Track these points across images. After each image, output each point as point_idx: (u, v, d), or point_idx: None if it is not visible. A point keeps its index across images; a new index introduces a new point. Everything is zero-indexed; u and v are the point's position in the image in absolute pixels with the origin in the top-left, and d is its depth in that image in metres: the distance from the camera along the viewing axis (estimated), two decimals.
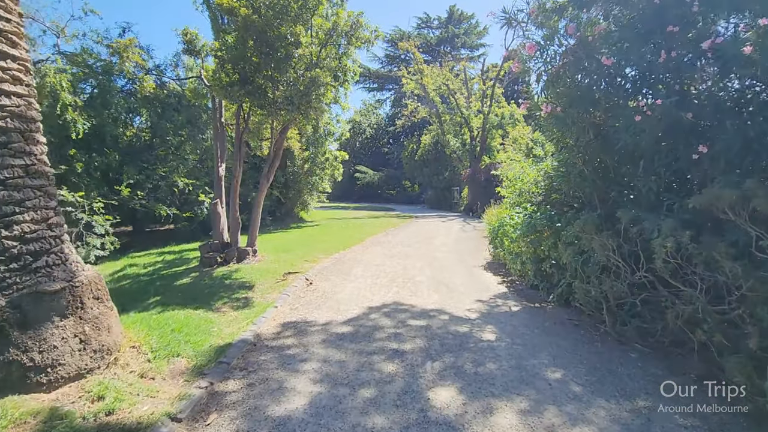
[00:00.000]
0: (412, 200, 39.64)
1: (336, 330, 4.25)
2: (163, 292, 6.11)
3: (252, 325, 4.37)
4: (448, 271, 7.30)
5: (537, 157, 8.75)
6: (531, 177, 8.35)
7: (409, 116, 30.79)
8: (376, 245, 10.68)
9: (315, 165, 18.12)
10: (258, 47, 7.46)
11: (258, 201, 8.38)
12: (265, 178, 8.34)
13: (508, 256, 6.89)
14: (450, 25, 43.57)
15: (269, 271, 7.12)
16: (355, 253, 9.32)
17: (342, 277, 6.80)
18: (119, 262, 9.64)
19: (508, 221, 7.30)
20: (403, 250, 9.78)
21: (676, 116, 3.98)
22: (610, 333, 3.91)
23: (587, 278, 4.37)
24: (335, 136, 18.25)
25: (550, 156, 8.22)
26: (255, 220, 8.34)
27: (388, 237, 12.48)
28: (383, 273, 7.11)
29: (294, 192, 18.36)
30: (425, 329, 4.22)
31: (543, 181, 8.15)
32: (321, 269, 7.47)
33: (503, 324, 4.39)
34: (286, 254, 8.78)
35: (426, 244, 10.86)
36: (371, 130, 50.06)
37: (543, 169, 8.04)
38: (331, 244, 10.51)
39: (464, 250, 9.97)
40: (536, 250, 5.91)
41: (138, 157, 12.45)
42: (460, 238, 12.18)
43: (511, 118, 24.27)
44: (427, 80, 26.69)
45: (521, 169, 8.99)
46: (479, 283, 6.46)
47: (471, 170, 24.37)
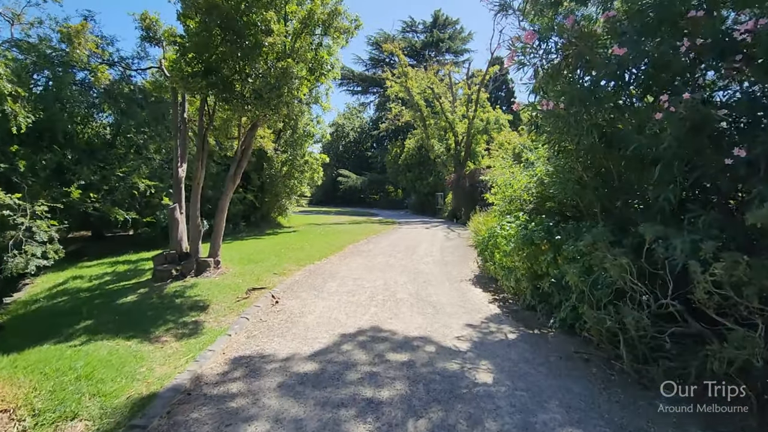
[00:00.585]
0: (395, 205, 39.03)
1: (298, 368, 3.45)
2: (98, 313, 5.15)
3: (193, 362, 3.52)
4: (434, 287, 6.59)
5: (528, 162, 8.18)
6: (522, 183, 7.77)
7: (393, 120, 30.18)
8: (355, 255, 9.89)
9: (294, 168, 17.22)
10: (224, 34, 6.62)
11: (222, 206, 7.48)
12: (231, 180, 7.46)
13: (499, 271, 6.23)
14: (435, 29, 43.42)
15: (231, 286, 6.24)
16: (332, 265, 8.50)
17: (314, 294, 5.99)
18: (65, 273, 8.53)
19: (499, 232, 6.65)
20: (385, 260, 9.03)
21: (704, 114, 3.39)
22: (629, 373, 3.25)
23: (597, 303, 3.72)
24: (315, 138, 17.41)
25: (543, 160, 7.66)
26: (218, 228, 7.43)
27: (369, 245, 11.71)
28: (361, 289, 6.33)
29: (271, 196, 17.39)
30: (408, 367, 3.47)
31: (535, 187, 7.57)
32: (291, 284, 6.64)
33: (500, 359, 3.68)
34: (255, 265, 7.89)
35: (409, 253, 10.14)
36: (355, 133, 49.36)
37: (535, 175, 7.47)
38: (306, 253, 9.66)
39: (450, 260, 9.30)
40: (532, 266, 5.26)
41: (95, 156, 11.30)
42: (444, 247, 11.53)
43: (497, 123, 23.98)
44: (411, 83, 26.20)
45: (511, 175, 8.41)
46: (468, 301, 5.77)
47: (455, 175, 23.89)
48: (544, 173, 7.06)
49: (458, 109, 27.26)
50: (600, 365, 3.50)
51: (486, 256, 7.30)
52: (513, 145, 16.15)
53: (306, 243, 11.73)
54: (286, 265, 8.06)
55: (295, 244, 11.48)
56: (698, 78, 3.72)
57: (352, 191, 43.59)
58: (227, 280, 6.66)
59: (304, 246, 11.02)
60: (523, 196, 7.80)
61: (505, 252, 5.89)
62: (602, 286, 3.73)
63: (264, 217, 17.70)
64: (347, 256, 9.65)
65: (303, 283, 6.72)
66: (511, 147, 16.44)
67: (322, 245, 11.28)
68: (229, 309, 5.22)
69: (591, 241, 3.66)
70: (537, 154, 8.35)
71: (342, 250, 10.63)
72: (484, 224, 11.68)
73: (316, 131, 17.22)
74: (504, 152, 16.92)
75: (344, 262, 8.79)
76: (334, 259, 9.17)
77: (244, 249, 10.42)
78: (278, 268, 7.74)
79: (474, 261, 9.26)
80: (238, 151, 7.57)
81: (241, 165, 7.57)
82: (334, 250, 10.44)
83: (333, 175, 45.72)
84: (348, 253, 10.23)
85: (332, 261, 8.98)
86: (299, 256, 9.29)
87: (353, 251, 10.49)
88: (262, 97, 6.89)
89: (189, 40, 6.90)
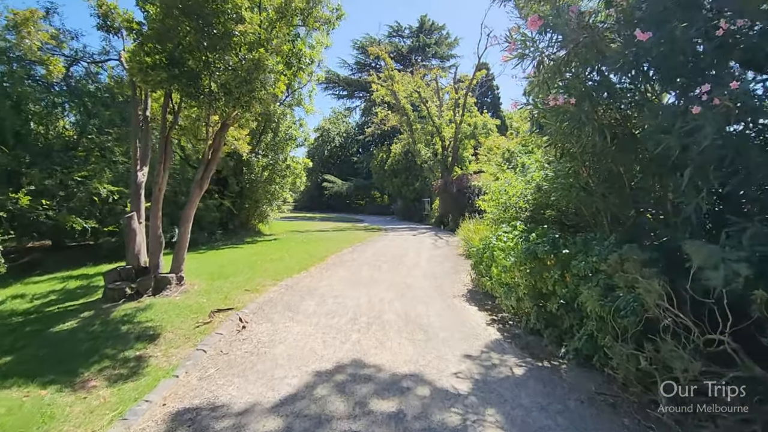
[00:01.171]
0: (381, 211, 38.41)
1: (257, 426, 2.71)
2: (23, 346, 4.27)
3: (119, 421, 2.73)
4: (424, 304, 5.91)
5: (524, 166, 7.64)
6: (518, 189, 7.21)
7: (379, 124, 29.64)
8: (338, 266, 9.15)
9: (275, 172, 16.39)
10: (189, 22, 5.87)
11: (186, 215, 6.65)
12: (198, 185, 6.65)
13: (497, 288, 5.60)
14: (421, 34, 43.28)
15: (192, 308, 5.43)
16: (312, 278, 7.74)
17: (288, 316, 5.23)
18: (6, 291, 7.51)
19: (495, 243, 6.04)
20: (370, 273, 8.32)
21: (752, 107, 2.84)
22: (670, 426, 2.62)
23: (622, 333, 3.11)
24: (298, 141, 16.63)
25: (539, 165, 7.12)
26: (182, 239, 6.60)
27: (353, 254, 10.98)
28: (342, 309, 5.60)
29: (251, 202, 16.48)
30: (396, 421, 2.76)
31: (532, 194, 7.03)
32: (264, 303, 5.86)
33: (509, 405, 3.01)
34: (225, 281, 7.07)
35: (396, 264, 9.46)
36: (340, 138, 48.65)
37: (532, 181, 6.92)
38: (284, 265, 8.87)
39: (440, 272, 8.65)
40: (536, 283, 4.64)
41: (51, 158, 10.27)
42: (433, 257, 10.89)
43: (484, 128, 23.66)
44: (398, 86, 25.73)
45: (506, 181, 7.84)
46: (464, 323, 5.11)
47: (442, 181, 23.41)
48: (543, 178, 6.50)
49: (445, 114, 26.90)
50: (631, 413, 2.87)
51: (481, 270, 6.68)
52: (502, 150, 15.73)
53: (286, 253, 10.92)
54: (261, 280, 7.26)
55: (273, 254, 10.65)
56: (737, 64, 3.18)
57: (338, 197, 42.79)
58: (190, 299, 5.83)
59: (283, 256, 10.22)
60: (519, 204, 7.24)
61: (504, 267, 5.26)
62: (627, 312, 3.11)
63: (243, 224, 16.76)
64: (329, 268, 8.90)
65: (277, 302, 5.95)
66: (500, 152, 16.02)
67: (302, 255, 10.50)
68: (184, 338, 4.42)
69: (618, 260, 3.05)
70: (532, 158, 7.82)
71: (324, 261, 9.87)
72: (475, 232, 11.11)
73: (299, 134, 16.46)
74: (493, 157, 16.49)
75: (325, 276, 8.04)
76: (315, 272, 8.41)
77: (217, 260, 9.55)
78: (251, 284, 6.94)
79: (466, 273, 8.64)
80: (207, 153, 6.77)
81: (210, 168, 6.78)
82: (316, 261, 9.68)
83: (318, 181, 44.84)
84: (330, 264, 9.47)
85: (312, 274, 8.22)
86: (276, 268, 8.49)
87: (336, 262, 9.75)
88: (231, 93, 6.15)
89: (149, 27, 6.12)
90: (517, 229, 6.28)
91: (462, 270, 8.94)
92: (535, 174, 6.77)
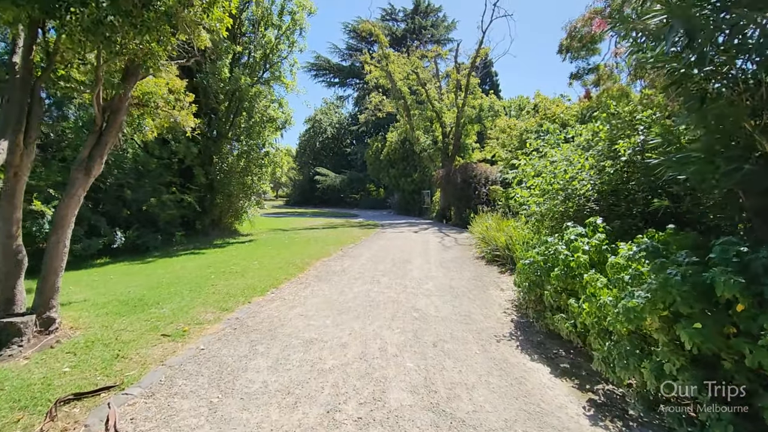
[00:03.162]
0: (377, 205, 35.97)
1: None
2: None
3: None
4: (454, 361, 3.50)
5: (584, 142, 5.22)
6: (586, 165, 4.83)
7: (374, 110, 27.00)
8: (321, 280, 6.71)
9: (250, 161, 13.85)
10: None
11: (61, 216, 4.09)
12: (82, 168, 4.13)
13: (597, 338, 3.15)
14: (417, 16, 40.51)
15: (32, 390, 2.96)
16: (280, 304, 5.29)
17: (214, 399, 2.81)
18: None
19: (567, 256, 3.65)
20: (365, 290, 5.90)
21: None
22: None
23: None
24: (278, 123, 14.07)
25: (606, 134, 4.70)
26: (53, 257, 4.03)
27: (344, 261, 8.54)
28: (314, 377, 3.18)
29: (223, 197, 13.95)
30: None
31: (599, 177, 4.66)
32: (179, 366, 3.39)
33: None
34: (137, 316, 4.59)
35: (400, 275, 7.04)
36: (333, 129, 45.99)
37: (612, 154, 4.54)
38: (246, 282, 6.41)
39: (461, 287, 6.24)
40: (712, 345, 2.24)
41: None
42: (444, 261, 8.48)
43: (491, 110, 21.19)
44: (393, 67, 23.16)
45: (561, 158, 5.41)
46: (541, 415, 2.71)
47: (445, 170, 20.98)
48: (640, 146, 4.10)
49: (446, 97, 24.39)
50: None
51: (534, 295, 4.26)
52: (519, 131, 13.29)
53: (255, 260, 8.45)
54: (199, 311, 4.81)
55: (239, 263, 8.17)
56: None
57: (331, 191, 40.22)
58: (43, 365, 3.35)
59: (249, 266, 7.74)
60: (581, 190, 4.83)
61: (624, 309, 2.82)
62: None
63: (215, 223, 14.22)
64: (309, 284, 6.46)
65: (205, 361, 3.50)
66: (517, 132, 13.59)
67: (277, 263, 8.04)
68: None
69: None
70: (589, 128, 5.41)
71: (304, 272, 7.43)
72: (498, 230, 8.71)
73: (279, 115, 13.89)
74: (507, 139, 14.06)
75: (300, 298, 5.59)
76: (287, 292, 5.95)
77: (154, 276, 7.01)
78: (181, 319, 4.49)
79: (495, 286, 6.28)
80: (98, 117, 4.26)
81: (105, 142, 4.26)
82: (293, 273, 7.23)
83: (310, 174, 42.20)
84: (311, 276, 7.03)
85: (283, 295, 5.77)
86: (232, 287, 6.03)
87: (320, 273, 7.30)
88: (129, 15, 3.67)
89: None
90: (599, 230, 3.90)
91: (489, 282, 6.55)
92: (620, 143, 4.35)
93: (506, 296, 5.77)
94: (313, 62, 43.17)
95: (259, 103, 13.45)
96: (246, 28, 14.33)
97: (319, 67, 44.03)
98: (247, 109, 13.17)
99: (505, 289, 6.17)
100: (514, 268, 7.50)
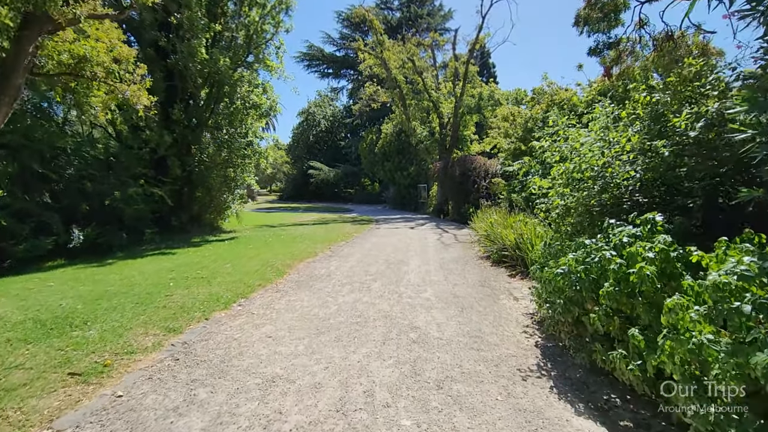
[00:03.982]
0: (372, 200, 34.94)
1: None
2: None
3: None
4: (465, 410, 2.48)
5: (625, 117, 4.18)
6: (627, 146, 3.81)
7: (368, 100, 25.80)
8: (302, 287, 5.67)
9: (232, 152, 12.71)
10: None
11: None
12: None
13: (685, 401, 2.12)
14: (412, 4, 39.14)
15: None
16: (245, 320, 4.25)
17: None
18: None
19: (621, 265, 2.65)
20: (352, 301, 4.87)
21: None
22: None
23: None
24: (263, 110, 12.90)
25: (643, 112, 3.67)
26: None
27: (331, 262, 7.51)
28: None
29: (202, 191, 12.81)
30: None
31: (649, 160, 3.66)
32: (75, 427, 2.36)
33: None
34: (46, 344, 3.53)
35: (394, 280, 6.02)
36: (326, 122, 44.72)
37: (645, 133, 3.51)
38: (210, 291, 5.35)
39: (466, 295, 5.22)
40: None
41: None
42: (445, 263, 7.47)
43: (491, 99, 20.11)
44: (388, 54, 21.98)
45: (595, 138, 4.37)
46: None
47: (442, 163, 19.93)
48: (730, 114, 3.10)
49: (443, 87, 23.28)
50: None
51: (571, 316, 3.24)
52: (524, 119, 12.26)
53: (229, 262, 7.39)
54: (136, 334, 3.75)
55: (208, 266, 7.10)
56: None
57: (326, 185, 39.05)
58: None
59: (219, 270, 6.68)
60: (621, 177, 3.81)
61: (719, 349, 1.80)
62: None
63: (195, 219, 13.09)
64: (286, 292, 5.42)
65: (116, 418, 2.45)
66: (521, 121, 12.55)
67: (254, 266, 6.98)
68: None
69: None
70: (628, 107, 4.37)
71: (283, 276, 6.39)
72: (506, 227, 7.69)
73: (263, 101, 12.73)
74: (511, 128, 13.02)
75: (272, 311, 4.55)
76: (258, 303, 4.91)
77: (96, 286, 5.84)
78: (105, 349, 3.43)
79: (506, 293, 5.28)
80: None
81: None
82: (270, 278, 6.19)
83: (304, 168, 40.95)
84: (291, 282, 5.99)
85: (251, 308, 4.72)
86: (192, 297, 4.97)
87: (302, 277, 6.27)
88: None
89: None
90: (659, 231, 2.91)
91: (499, 289, 5.55)
92: (677, 117, 3.32)
93: (522, 308, 4.76)
94: (306, 52, 41.78)
95: (242, 88, 12.29)
96: (227, 7, 13.11)
97: (312, 57, 42.64)
98: (228, 95, 12.01)
99: (519, 297, 5.16)
100: (526, 270, 6.51)
